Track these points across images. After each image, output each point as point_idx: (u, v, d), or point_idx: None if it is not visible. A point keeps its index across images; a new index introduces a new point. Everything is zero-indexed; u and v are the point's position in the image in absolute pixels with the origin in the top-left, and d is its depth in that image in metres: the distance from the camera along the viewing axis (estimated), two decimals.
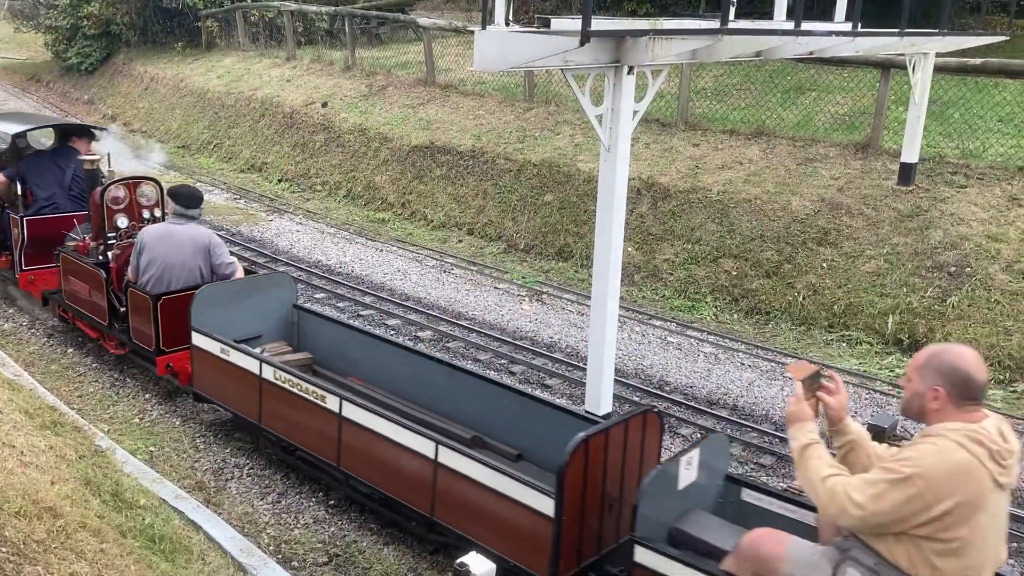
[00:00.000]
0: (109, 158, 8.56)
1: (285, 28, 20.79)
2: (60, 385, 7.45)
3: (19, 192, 8.63)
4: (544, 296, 10.06)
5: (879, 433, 6.82)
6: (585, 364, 6.43)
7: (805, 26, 6.31)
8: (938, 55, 9.66)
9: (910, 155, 9.76)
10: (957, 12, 14.66)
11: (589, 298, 6.15)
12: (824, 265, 9.37)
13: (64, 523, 3.76)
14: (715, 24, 5.41)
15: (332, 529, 5.56)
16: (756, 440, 6.87)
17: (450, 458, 4.74)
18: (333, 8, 21.42)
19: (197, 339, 6.40)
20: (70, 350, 8.18)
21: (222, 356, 6.20)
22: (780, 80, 13.22)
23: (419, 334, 8.81)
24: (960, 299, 8.44)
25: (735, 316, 9.47)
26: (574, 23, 4.58)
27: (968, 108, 11.27)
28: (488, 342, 8.65)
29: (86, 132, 9.14)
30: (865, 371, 8.14)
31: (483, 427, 5.66)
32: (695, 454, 4.24)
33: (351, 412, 5.30)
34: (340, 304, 9.59)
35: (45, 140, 9.62)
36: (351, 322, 8.23)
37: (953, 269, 8.72)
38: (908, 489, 3.00)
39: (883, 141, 10.70)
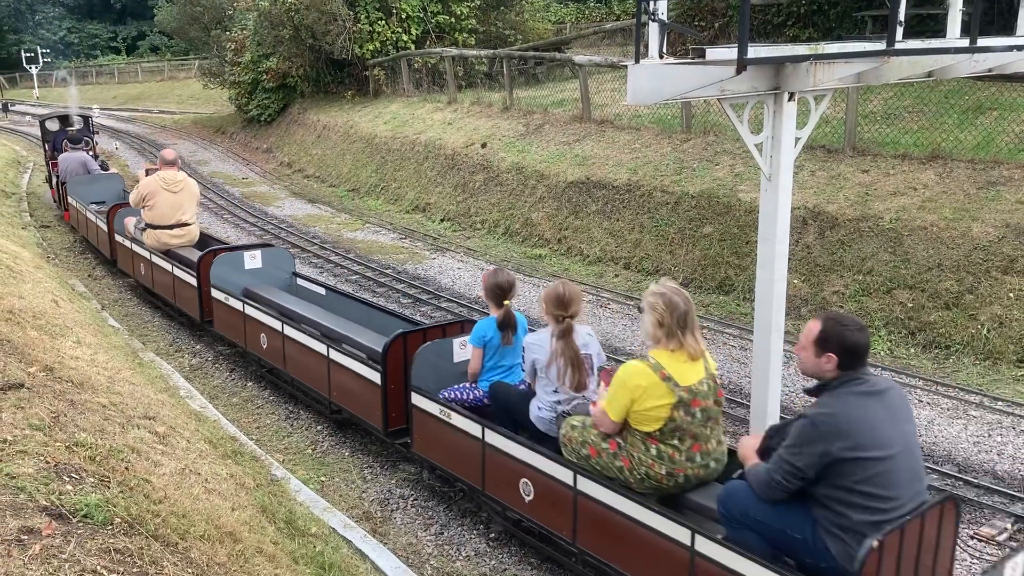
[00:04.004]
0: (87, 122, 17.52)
1: (447, 73, 21.58)
2: (240, 416, 7.92)
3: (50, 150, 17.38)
4: (705, 331, 9.84)
5: None
6: (749, 401, 6.23)
7: (982, 42, 5.93)
8: None
9: None
10: None
11: (752, 333, 5.95)
12: (1011, 295, 8.69)
13: (243, 548, 3.97)
14: (881, 46, 5.19)
15: (492, 562, 5.59)
16: (938, 483, 6.42)
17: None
18: (492, 51, 22.05)
19: (71, 200, 14.53)
20: (249, 383, 8.70)
21: (87, 215, 13.48)
22: (956, 100, 12.46)
23: None
24: None
25: (912, 351, 8.92)
26: (730, 52, 4.50)
27: None
28: None
29: (70, 119, 17.53)
30: None
31: None
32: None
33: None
34: None
35: (51, 125, 17.40)
36: None
37: None
38: None
39: None
